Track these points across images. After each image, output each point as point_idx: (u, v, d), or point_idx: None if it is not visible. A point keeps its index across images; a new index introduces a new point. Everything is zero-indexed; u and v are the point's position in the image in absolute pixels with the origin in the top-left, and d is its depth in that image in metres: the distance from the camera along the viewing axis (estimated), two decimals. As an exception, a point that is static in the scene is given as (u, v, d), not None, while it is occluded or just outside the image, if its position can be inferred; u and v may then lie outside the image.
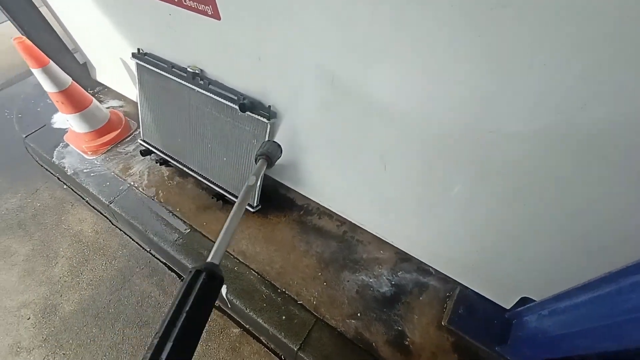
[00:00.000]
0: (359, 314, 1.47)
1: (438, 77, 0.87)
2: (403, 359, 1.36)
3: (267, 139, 1.48)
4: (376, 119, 1.11)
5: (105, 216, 2.11)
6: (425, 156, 1.10)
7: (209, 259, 0.70)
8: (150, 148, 2.04)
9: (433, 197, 1.22)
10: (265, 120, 1.43)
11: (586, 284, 1.01)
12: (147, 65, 1.75)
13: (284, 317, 1.46)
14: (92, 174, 2.07)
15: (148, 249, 1.94)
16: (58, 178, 2.33)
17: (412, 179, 1.22)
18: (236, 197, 1.78)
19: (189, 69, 1.58)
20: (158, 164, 2.06)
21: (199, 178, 1.90)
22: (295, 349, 1.39)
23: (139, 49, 1.80)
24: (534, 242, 1.11)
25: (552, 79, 0.71)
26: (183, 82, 1.64)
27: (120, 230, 2.04)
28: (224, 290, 1.55)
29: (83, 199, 2.20)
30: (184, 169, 1.93)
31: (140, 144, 2.08)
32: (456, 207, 1.19)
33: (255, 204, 1.77)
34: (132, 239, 1.99)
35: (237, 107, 1.44)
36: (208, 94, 1.57)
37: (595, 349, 0.96)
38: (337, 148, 1.37)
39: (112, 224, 2.07)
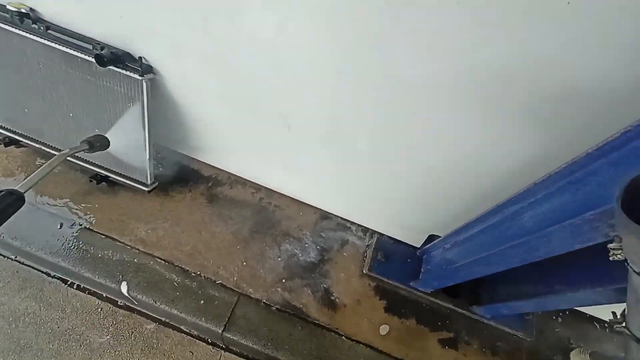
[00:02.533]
0: (284, 280, 1.42)
1: (325, 17, 0.74)
2: (331, 314, 1.39)
3: (145, 100, 1.19)
4: (265, 71, 0.95)
5: None
6: (330, 111, 1.01)
7: (17, 187, 0.92)
8: (-15, 125, 1.50)
9: (343, 152, 1.16)
10: (137, 76, 1.13)
11: (478, 217, 1.11)
12: (-59, 3, 1.19)
13: (202, 302, 1.33)
14: None
15: (13, 257, 1.52)
16: None
17: (319, 137, 1.13)
18: (122, 175, 1.47)
19: (9, 7, 1.12)
20: (3, 145, 1.55)
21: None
22: (220, 331, 1.29)
23: None
24: (433, 186, 1.17)
25: (440, 17, 0.65)
26: (9, 27, 1.17)
27: (-36, 238, 1.54)
28: (124, 287, 1.32)
29: None
30: (43, 147, 1.49)
31: (-33, 120, 1.51)
32: (365, 160, 1.16)
33: (149, 182, 1.49)
34: (-14, 248, 1.53)
35: (93, 59, 1.10)
36: (50, 43, 1.16)
37: (489, 272, 1.09)
38: (233, 108, 1.18)
39: (-51, 232, 1.54)
